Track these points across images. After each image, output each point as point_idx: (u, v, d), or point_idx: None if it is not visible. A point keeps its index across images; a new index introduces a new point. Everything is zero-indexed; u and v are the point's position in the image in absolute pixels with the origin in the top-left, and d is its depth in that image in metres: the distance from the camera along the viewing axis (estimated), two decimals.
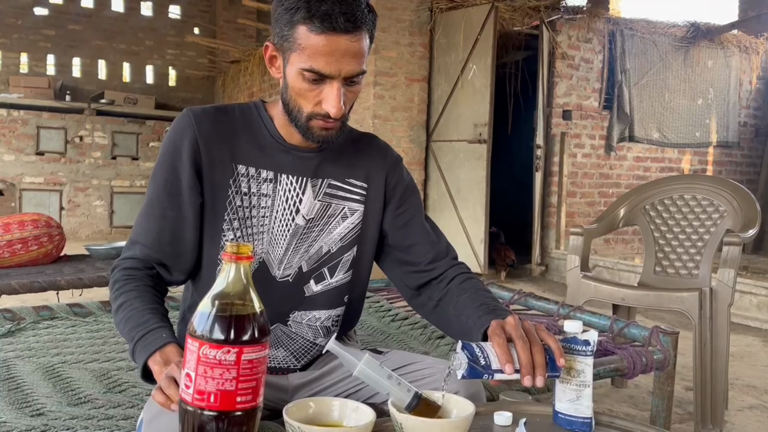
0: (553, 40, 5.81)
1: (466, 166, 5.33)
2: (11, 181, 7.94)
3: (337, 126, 1.08)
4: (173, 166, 1.12)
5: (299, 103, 1.06)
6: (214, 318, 0.69)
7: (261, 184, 1.14)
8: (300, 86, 1.04)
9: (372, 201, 1.23)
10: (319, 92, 1.04)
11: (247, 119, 1.16)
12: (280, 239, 1.15)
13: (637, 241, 6.46)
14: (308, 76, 1.02)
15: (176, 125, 1.14)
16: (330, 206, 1.19)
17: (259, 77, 7.87)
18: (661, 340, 1.66)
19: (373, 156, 1.25)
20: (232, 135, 1.14)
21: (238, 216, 1.13)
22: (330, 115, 1.04)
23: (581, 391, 0.98)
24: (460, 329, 1.14)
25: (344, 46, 1.00)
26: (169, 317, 1.08)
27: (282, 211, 1.15)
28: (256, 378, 0.70)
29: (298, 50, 1.01)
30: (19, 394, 1.37)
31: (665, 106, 6.50)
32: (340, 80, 1.02)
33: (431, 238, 1.26)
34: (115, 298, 1.08)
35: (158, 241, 1.13)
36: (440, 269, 1.23)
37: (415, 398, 0.90)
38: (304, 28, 1.00)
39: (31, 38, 8.94)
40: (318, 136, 1.09)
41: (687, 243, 2.58)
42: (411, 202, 1.27)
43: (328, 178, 1.18)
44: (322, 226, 1.18)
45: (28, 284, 2.48)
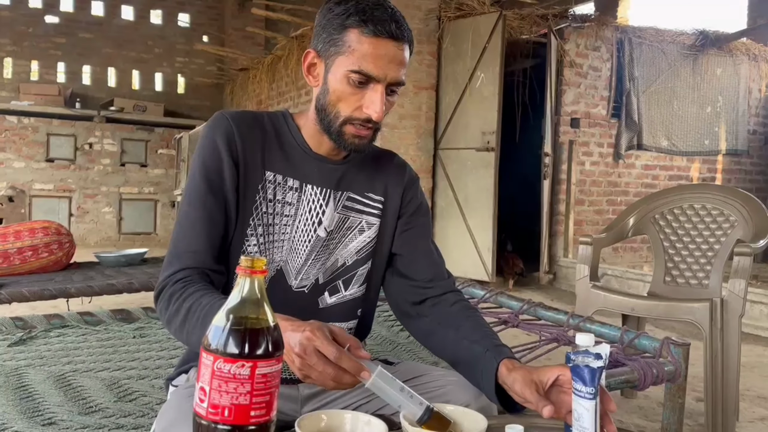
0: (561, 48, 5.81)
1: (473, 174, 5.33)
2: (21, 188, 7.99)
3: (369, 135, 1.10)
4: (216, 168, 1.11)
5: (338, 107, 1.08)
6: (229, 332, 0.69)
7: (286, 192, 1.15)
8: (343, 89, 1.07)
9: (388, 216, 1.24)
10: (361, 96, 1.06)
11: (276, 127, 1.18)
12: (300, 249, 1.16)
13: (646, 249, 6.43)
14: (355, 78, 1.05)
15: (215, 127, 1.13)
16: (348, 219, 1.20)
17: (267, 85, 7.90)
18: (672, 352, 1.65)
19: (392, 172, 1.26)
20: (263, 141, 1.15)
21: (263, 222, 1.13)
22: (371, 118, 1.07)
23: None
24: (461, 353, 1.12)
25: (392, 52, 1.05)
26: None
27: (304, 222, 1.16)
28: (269, 392, 0.70)
29: (347, 53, 1.05)
30: (31, 402, 1.38)
31: (674, 114, 6.49)
32: (384, 85, 1.06)
33: (434, 258, 1.26)
34: (177, 310, 1.01)
35: (210, 247, 1.09)
36: (439, 290, 1.23)
37: (426, 412, 0.89)
38: (356, 31, 1.04)
39: (42, 46, 9.02)
40: (350, 144, 1.10)
41: (697, 253, 2.57)
42: (421, 221, 1.28)
43: (348, 191, 1.19)
44: (339, 238, 1.19)
45: (39, 292, 2.50)
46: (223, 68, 9.48)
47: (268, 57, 7.81)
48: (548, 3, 5.86)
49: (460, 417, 0.93)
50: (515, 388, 0.97)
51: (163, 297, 1.05)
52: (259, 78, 8.08)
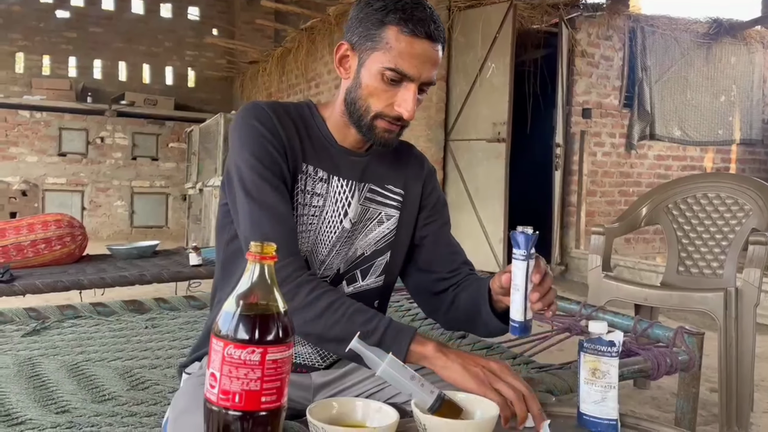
0: (573, 38, 5.76)
1: (484, 165, 5.31)
2: (34, 182, 8.06)
3: (398, 130, 1.11)
4: (267, 149, 1.08)
5: (369, 102, 1.08)
6: (239, 318, 0.69)
7: (316, 183, 1.14)
8: (376, 85, 1.07)
9: (407, 208, 1.24)
10: (393, 94, 1.07)
11: (303, 118, 1.17)
12: (325, 241, 1.16)
13: (658, 240, 6.39)
14: (389, 75, 1.05)
15: (254, 115, 1.10)
16: (368, 210, 1.20)
17: (277, 78, 7.90)
18: (686, 341, 1.64)
19: (411, 165, 1.27)
20: (295, 131, 1.14)
21: (295, 213, 1.13)
22: (402, 116, 1.07)
23: (606, 393, 0.97)
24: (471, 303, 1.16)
25: (429, 52, 1.06)
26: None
27: (331, 213, 1.16)
28: (280, 378, 0.70)
29: (383, 50, 1.05)
30: (45, 391, 1.39)
31: (687, 104, 6.42)
32: (417, 84, 1.06)
33: (455, 249, 1.29)
34: (310, 303, 1.00)
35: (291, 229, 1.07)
36: (459, 277, 1.25)
37: (438, 399, 0.89)
38: (395, 29, 1.04)
39: (53, 41, 9.06)
40: (380, 138, 1.11)
41: (711, 242, 2.54)
42: (443, 214, 1.30)
43: (370, 182, 1.20)
44: (360, 229, 1.19)
45: (52, 284, 2.52)
46: (233, 61, 9.49)
47: (278, 49, 7.81)
48: None
49: (472, 404, 0.93)
50: (493, 286, 1.07)
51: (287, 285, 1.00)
52: (269, 71, 8.08)
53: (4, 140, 8.02)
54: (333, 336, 1.00)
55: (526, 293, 0.96)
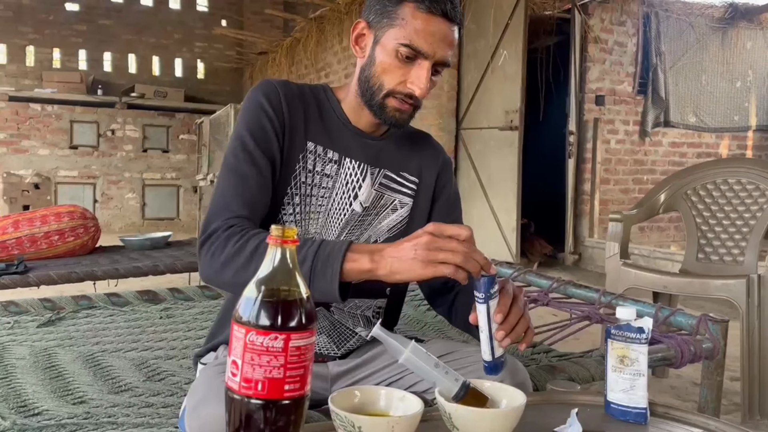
0: (586, 24, 5.68)
1: (497, 154, 5.26)
2: (47, 175, 8.09)
3: (410, 110, 1.10)
4: (262, 125, 1.09)
5: (382, 79, 1.08)
6: (261, 303, 0.66)
7: (326, 164, 1.14)
8: (390, 62, 1.07)
9: (421, 197, 1.24)
10: (407, 71, 1.06)
11: (317, 99, 1.18)
12: (334, 223, 1.15)
13: (673, 228, 6.32)
14: (404, 52, 1.05)
15: (261, 90, 1.12)
16: (383, 197, 1.19)
17: (287, 68, 7.87)
18: (710, 329, 1.60)
19: (427, 154, 1.26)
20: (306, 111, 1.15)
21: (300, 192, 1.13)
22: (414, 94, 1.07)
23: (635, 381, 0.95)
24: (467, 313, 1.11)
25: (444, 31, 1.05)
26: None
27: (341, 195, 1.15)
28: (303, 365, 0.68)
29: (399, 26, 1.05)
30: (61, 382, 1.38)
31: (702, 90, 6.33)
32: (431, 63, 1.06)
33: None
34: (239, 249, 0.97)
35: (260, 200, 1.07)
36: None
37: (463, 388, 0.86)
38: (412, 5, 1.05)
39: (63, 34, 9.07)
40: (391, 117, 1.10)
41: (731, 229, 2.50)
42: (456, 210, 1.29)
43: (385, 168, 1.19)
44: (374, 215, 1.19)
45: (66, 275, 2.51)
46: (242, 52, 9.46)
47: (287, 40, 7.77)
48: None
49: (498, 393, 0.90)
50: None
51: (216, 240, 1.00)
52: (278, 61, 8.05)
53: (16, 133, 8.04)
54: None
55: (490, 334, 0.94)
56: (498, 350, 0.95)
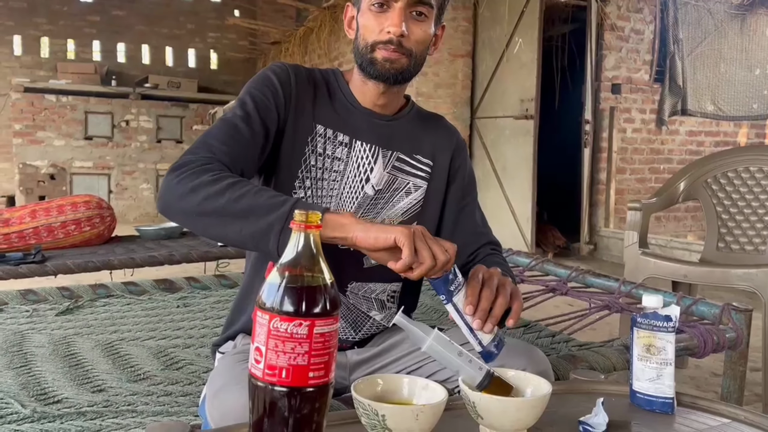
0: (602, 11, 5.60)
1: (512, 143, 5.22)
2: (62, 166, 8.15)
3: (400, 59, 1.09)
4: (265, 94, 1.10)
5: (366, 38, 1.10)
6: (285, 289, 0.65)
7: (336, 147, 1.14)
8: (367, 19, 1.09)
9: (435, 179, 1.22)
10: (384, 19, 1.08)
11: (328, 82, 1.19)
12: (347, 206, 1.15)
13: (690, 218, 6.25)
14: (375, 2, 1.07)
15: (271, 69, 1.14)
16: (396, 180, 1.18)
17: (300, 58, 7.85)
18: (733, 318, 1.58)
19: (440, 135, 1.25)
20: (315, 94, 1.16)
21: (311, 176, 1.13)
22: (390, 35, 1.07)
23: (662, 370, 0.93)
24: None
25: None
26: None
27: (353, 178, 1.15)
28: (328, 352, 0.67)
29: None
30: (80, 370, 1.38)
31: (720, 78, 6.23)
32: (404, 3, 1.06)
33: (480, 230, 1.26)
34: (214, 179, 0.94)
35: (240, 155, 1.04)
36: (480, 256, 1.23)
37: (487, 377, 0.85)
38: None
39: (77, 25, 9.10)
40: (382, 69, 1.09)
41: (753, 217, 2.45)
42: (471, 193, 1.28)
43: (398, 151, 1.18)
44: (387, 198, 1.18)
45: (83, 264, 2.52)
46: (255, 42, 9.45)
47: (300, 29, 7.74)
48: None
49: (522, 382, 0.89)
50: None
51: (190, 167, 0.97)
52: (291, 51, 8.02)
53: (31, 125, 8.09)
54: (238, 209, 0.92)
55: (468, 326, 0.93)
56: (485, 338, 0.94)
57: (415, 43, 1.09)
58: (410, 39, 1.08)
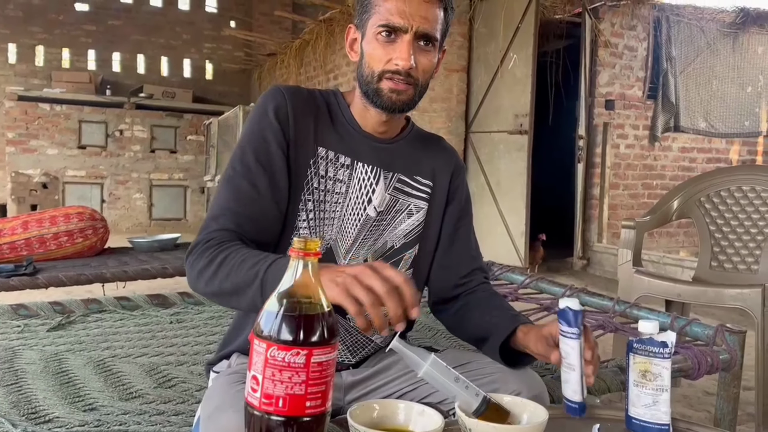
0: (596, 28, 5.65)
1: (506, 158, 5.23)
2: (54, 175, 8.11)
3: (407, 90, 1.08)
4: (264, 136, 1.10)
5: (372, 67, 1.08)
6: (282, 317, 0.65)
7: (338, 170, 1.14)
8: (374, 47, 1.08)
9: (435, 200, 1.23)
10: (392, 50, 1.07)
11: (328, 103, 1.18)
12: (350, 228, 1.14)
13: (683, 234, 6.28)
14: (382, 32, 1.06)
15: (268, 98, 1.13)
16: (397, 201, 1.18)
17: (295, 70, 7.87)
18: (727, 340, 1.58)
19: (440, 156, 1.25)
20: (316, 116, 1.15)
21: (314, 198, 1.12)
22: (399, 68, 1.06)
23: (658, 396, 0.93)
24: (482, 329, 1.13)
25: (416, 3, 1.05)
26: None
27: (355, 200, 1.15)
28: (325, 381, 0.66)
29: (376, 13, 1.07)
30: (72, 388, 1.37)
31: (713, 95, 6.29)
32: (411, 35, 1.05)
33: (473, 253, 1.27)
34: (210, 260, 0.98)
35: (251, 214, 1.06)
36: (471, 284, 1.24)
37: (483, 403, 0.85)
38: None
39: (73, 34, 9.10)
40: (388, 100, 1.09)
41: (746, 237, 2.47)
42: (468, 215, 1.28)
43: (398, 172, 1.18)
44: (389, 220, 1.18)
45: (75, 276, 2.51)
46: (251, 53, 9.46)
47: (296, 41, 7.77)
48: None
49: (518, 408, 0.89)
50: (530, 347, 1.01)
51: (195, 252, 1.02)
52: (287, 63, 8.05)
53: (24, 133, 8.06)
54: (227, 288, 0.96)
55: (581, 371, 0.90)
56: (585, 389, 0.91)
57: (422, 73, 1.09)
58: (417, 69, 1.07)
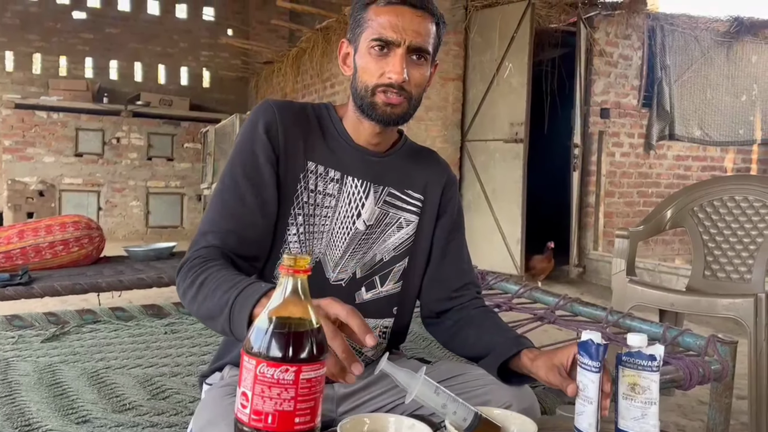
0: (591, 37, 5.69)
1: (502, 166, 5.25)
2: (51, 182, 8.11)
3: (401, 103, 1.09)
4: (253, 151, 1.11)
5: (366, 81, 1.09)
6: (272, 335, 0.66)
7: (327, 184, 1.15)
8: (367, 61, 1.09)
9: (426, 214, 1.23)
10: (385, 64, 1.08)
11: (319, 117, 1.19)
12: (338, 242, 1.15)
13: (678, 242, 6.30)
14: (375, 46, 1.07)
15: (257, 113, 1.14)
16: (387, 215, 1.19)
17: (292, 78, 7.89)
18: (718, 350, 1.59)
19: (432, 170, 1.26)
20: (306, 130, 1.15)
21: (303, 212, 1.13)
22: (392, 81, 1.07)
23: (647, 409, 0.93)
24: (481, 347, 1.14)
25: (408, 17, 1.07)
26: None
27: (344, 214, 1.15)
28: (314, 398, 0.67)
29: (368, 28, 1.09)
30: (65, 400, 1.37)
31: (707, 103, 6.32)
32: (404, 49, 1.07)
33: (465, 267, 1.28)
34: (192, 282, 0.99)
35: (238, 230, 1.07)
36: (465, 299, 1.25)
37: (475, 419, 0.86)
38: (374, 6, 1.09)
39: (70, 42, 9.11)
40: (382, 113, 1.10)
41: (738, 246, 2.48)
42: (460, 228, 1.29)
43: (389, 186, 1.19)
44: (378, 233, 1.18)
45: (70, 286, 2.51)
46: (248, 61, 9.49)
47: (293, 50, 7.79)
48: None
49: (508, 421, 0.89)
50: (541, 376, 1.00)
51: (183, 270, 1.03)
52: (284, 71, 8.06)
53: (21, 141, 8.07)
54: (203, 314, 0.98)
55: (598, 404, 0.90)
56: (599, 422, 0.91)
57: (414, 87, 1.10)
58: (410, 83, 1.09)
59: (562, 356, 0.98)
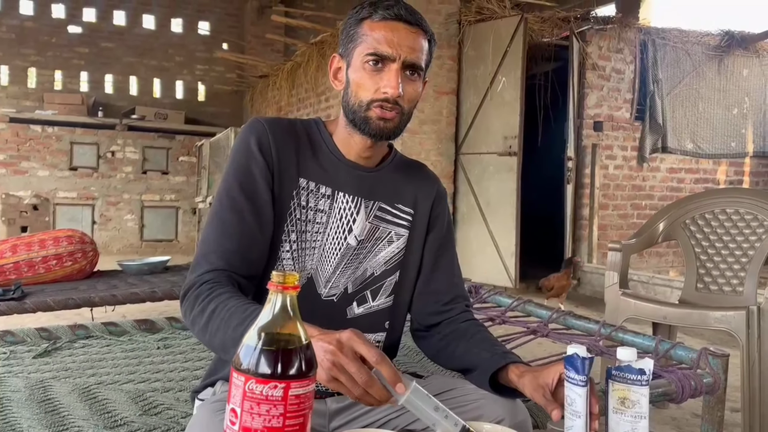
0: (583, 51, 5.74)
1: (495, 179, 5.27)
2: (45, 196, 8.09)
3: (395, 118, 1.10)
4: (248, 169, 1.11)
5: (360, 96, 1.10)
6: (261, 351, 0.66)
7: (319, 200, 1.15)
8: (361, 76, 1.10)
9: (416, 228, 1.24)
10: (379, 79, 1.09)
11: (309, 133, 1.19)
12: (330, 257, 1.16)
13: (672, 254, 6.32)
14: (370, 60, 1.08)
15: (250, 131, 1.14)
16: (378, 229, 1.20)
17: (287, 92, 7.92)
18: (710, 363, 1.59)
19: (422, 184, 1.27)
20: (297, 147, 1.16)
21: (296, 228, 1.14)
22: (388, 96, 1.08)
23: (637, 423, 0.94)
24: (469, 361, 1.14)
25: (403, 33, 1.09)
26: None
27: (335, 229, 1.16)
28: (303, 414, 0.67)
29: (363, 42, 1.10)
30: (57, 416, 1.36)
31: (699, 116, 6.37)
32: (399, 64, 1.08)
33: (455, 280, 1.28)
34: (202, 310, 0.98)
35: (240, 250, 1.07)
36: (454, 312, 1.25)
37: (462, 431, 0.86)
38: (368, 21, 1.10)
39: (65, 56, 9.14)
40: (376, 127, 1.10)
41: (730, 259, 2.49)
42: (450, 242, 1.29)
43: (380, 200, 1.20)
44: (369, 248, 1.19)
45: (63, 301, 2.50)
46: (243, 75, 9.52)
47: (288, 64, 7.83)
48: (569, 5, 5.80)
49: None
50: (526, 393, 1.01)
51: (189, 298, 1.03)
52: (278, 85, 8.10)
53: (15, 155, 8.05)
54: (216, 344, 0.98)
55: (587, 417, 0.90)
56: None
57: (407, 102, 1.11)
58: (404, 98, 1.10)
59: (547, 376, 0.98)
